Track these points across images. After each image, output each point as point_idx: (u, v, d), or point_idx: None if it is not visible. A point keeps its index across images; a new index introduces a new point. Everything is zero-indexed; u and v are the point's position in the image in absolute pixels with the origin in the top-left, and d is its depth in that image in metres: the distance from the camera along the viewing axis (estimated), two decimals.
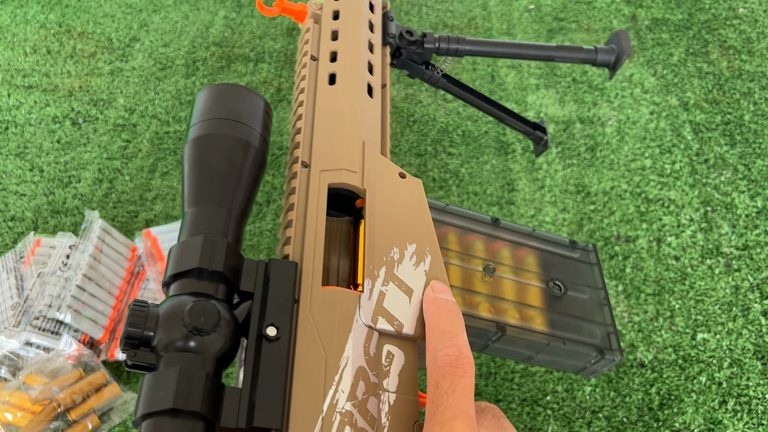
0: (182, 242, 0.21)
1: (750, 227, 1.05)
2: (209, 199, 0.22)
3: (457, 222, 0.29)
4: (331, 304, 0.21)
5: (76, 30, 1.58)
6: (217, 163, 0.22)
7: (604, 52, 0.48)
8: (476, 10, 1.63)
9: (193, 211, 0.22)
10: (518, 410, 0.82)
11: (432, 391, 0.18)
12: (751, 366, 0.86)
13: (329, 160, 0.25)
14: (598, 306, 0.31)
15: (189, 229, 0.22)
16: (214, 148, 0.22)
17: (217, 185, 0.22)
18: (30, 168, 1.19)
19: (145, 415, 0.18)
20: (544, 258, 0.31)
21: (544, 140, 0.57)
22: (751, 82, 1.35)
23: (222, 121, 0.23)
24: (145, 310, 0.19)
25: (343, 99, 0.27)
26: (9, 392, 0.79)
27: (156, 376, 0.18)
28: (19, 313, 0.87)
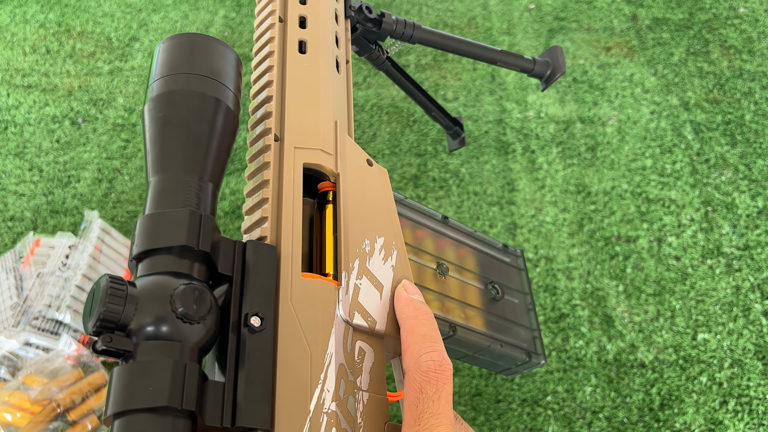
0: (160, 213, 0.18)
1: (751, 227, 1.05)
2: (182, 166, 0.19)
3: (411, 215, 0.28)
4: (312, 295, 0.20)
5: (76, 29, 1.57)
6: (191, 123, 0.19)
7: (541, 65, 0.50)
8: (476, 10, 1.63)
9: (165, 178, 0.19)
10: (518, 410, 0.82)
11: (415, 396, 0.18)
12: (751, 366, 0.86)
13: (304, 137, 0.22)
14: (526, 310, 0.32)
15: (161, 198, 0.18)
16: (184, 106, 0.19)
17: (191, 148, 0.19)
18: (29, 168, 1.19)
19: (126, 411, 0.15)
20: (482, 260, 0.31)
21: (461, 137, 0.57)
22: (751, 82, 1.35)
23: (191, 76, 0.19)
24: (124, 289, 0.16)
25: (315, 71, 0.24)
26: (8, 392, 0.79)
27: (138, 367, 0.16)
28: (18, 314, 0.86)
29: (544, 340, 0.90)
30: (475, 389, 0.84)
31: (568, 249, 1.02)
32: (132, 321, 0.16)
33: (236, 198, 1.13)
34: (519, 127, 1.27)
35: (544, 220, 1.08)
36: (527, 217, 1.08)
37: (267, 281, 0.19)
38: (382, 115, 1.31)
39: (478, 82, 1.39)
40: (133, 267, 0.19)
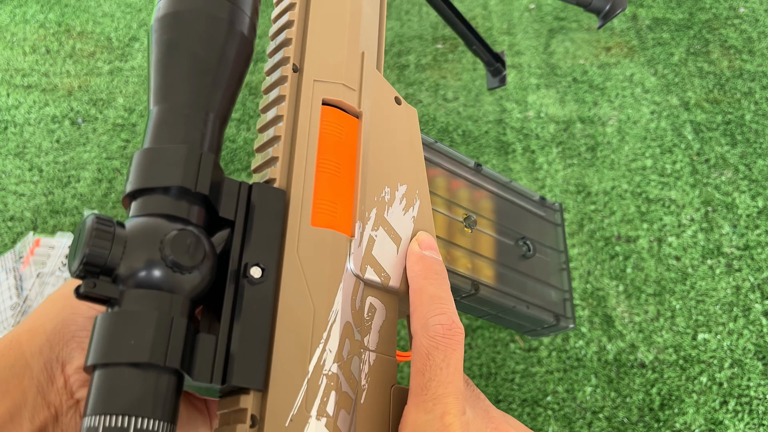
0: (157, 149, 0.16)
1: (751, 227, 1.05)
2: (186, 96, 0.17)
3: (444, 163, 0.26)
4: (321, 246, 0.18)
5: (76, 29, 1.57)
6: (198, 49, 0.17)
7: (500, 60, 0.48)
8: (477, 10, 1.63)
9: (165, 109, 0.16)
10: (519, 410, 0.82)
11: (422, 362, 0.16)
12: (752, 366, 0.86)
13: (325, 68, 0.20)
14: (558, 270, 0.29)
15: (161, 131, 0.16)
16: (192, 28, 0.17)
17: (197, 77, 0.17)
18: (29, 168, 1.19)
19: (104, 364, 0.14)
20: (515, 213, 0.29)
21: (502, 75, 0.55)
22: (752, 82, 1.35)
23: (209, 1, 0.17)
24: (112, 230, 0.14)
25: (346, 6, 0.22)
26: None
27: (122, 317, 0.14)
28: (18, 314, 0.86)
29: (545, 340, 0.90)
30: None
31: (568, 249, 1.02)
32: (119, 265, 0.15)
33: None
34: (519, 127, 1.27)
35: None
36: None
37: (272, 228, 0.17)
38: None
39: (478, 82, 1.39)
40: (126, 205, 0.17)
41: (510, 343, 0.89)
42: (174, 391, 0.15)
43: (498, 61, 0.55)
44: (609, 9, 0.47)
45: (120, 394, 0.14)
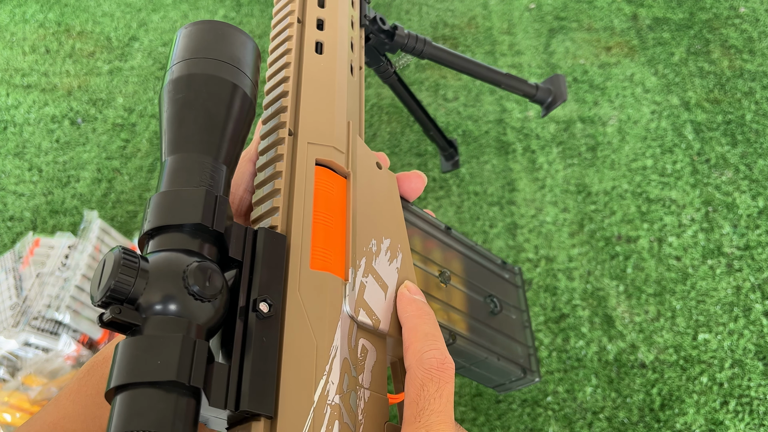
0: (176, 191, 0.18)
1: (751, 227, 1.04)
2: (200, 147, 0.19)
3: (419, 223, 0.28)
4: (320, 288, 0.20)
5: (75, 29, 1.57)
6: (209, 106, 0.19)
7: (543, 91, 0.52)
8: (477, 9, 1.63)
9: (181, 158, 0.18)
10: (519, 411, 0.82)
11: (416, 393, 0.18)
12: (752, 367, 0.85)
13: (317, 133, 0.22)
14: (522, 327, 0.32)
15: (177, 177, 0.18)
16: (204, 89, 0.19)
17: (209, 130, 0.19)
18: (29, 168, 1.19)
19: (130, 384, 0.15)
20: (482, 273, 0.31)
21: (455, 159, 0.60)
22: (752, 82, 1.34)
23: (211, 60, 0.20)
24: (137, 263, 0.16)
25: (330, 72, 0.25)
26: (8, 393, 0.78)
27: (147, 340, 0.15)
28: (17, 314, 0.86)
29: (545, 340, 0.90)
30: (475, 390, 0.84)
31: (568, 249, 1.02)
32: (142, 295, 0.16)
33: None
34: (519, 126, 1.27)
35: (545, 220, 1.08)
36: (527, 217, 1.08)
37: (276, 269, 0.19)
38: (382, 115, 1.31)
39: (478, 81, 1.38)
40: (142, 243, 0.18)
41: None
42: (194, 411, 0.16)
43: (451, 146, 0.59)
44: (551, 101, 0.53)
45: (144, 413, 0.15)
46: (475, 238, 1.05)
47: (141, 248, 0.18)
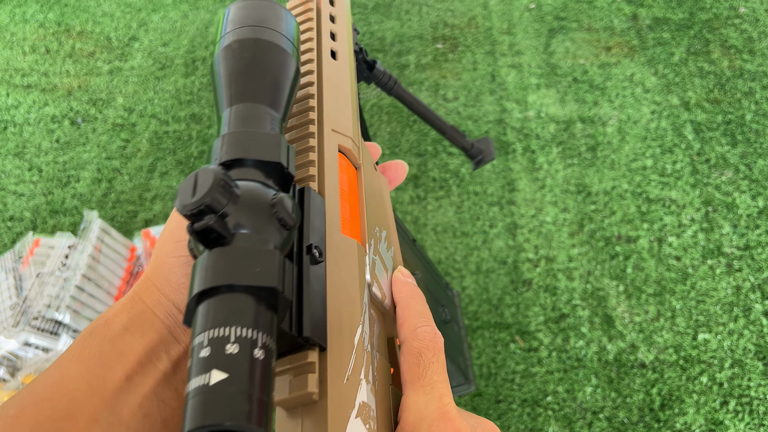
0: (256, 132, 0.19)
1: (751, 227, 1.04)
2: (268, 101, 0.20)
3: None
4: (349, 250, 0.21)
5: (75, 29, 1.57)
6: (275, 70, 0.21)
7: (476, 149, 0.60)
8: (477, 9, 1.63)
9: (251, 107, 0.20)
10: (519, 411, 0.82)
11: (415, 360, 0.20)
12: (752, 366, 0.85)
13: (338, 124, 0.25)
14: (462, 340, 0.35)
15: (250, 122, 0.20)
16: (270, 53, 0.21)
17: (274, 88, 0.21)
18: (29, 168, 1.19)
19: (226, 285, 0.15)
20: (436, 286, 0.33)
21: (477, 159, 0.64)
22: (752, 82, 1.34)
23: (275, 32, 0.22)
24: (232, 186, 0.17)
25: (344, 75, 0.28)
26: (8, 393, 0.78)
27: (242, 251, 0.16)
28: (17, 314, 0.86)
29: (545, 340, 0.90)
30: (475, 389, 0.84)
31: (568, 249, 1.02)
32: (230, 215, 0.17)
33: None
34: (519, 127, 1.27)
35: (545, 220, 1.08)
36: (527, 217, 1.08)
37: (320, 224, 0.20)
38: (382, 115, 1.31)
39: (478, 81, 1.38)
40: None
41: (510, 344, 0.89)
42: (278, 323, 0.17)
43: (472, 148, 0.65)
44: (480, 159, 0.61)
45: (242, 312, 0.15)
46: (475, 238, 1.05)
47: None
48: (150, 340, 0.19)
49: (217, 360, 0.14)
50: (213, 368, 0.14)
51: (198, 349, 0.15)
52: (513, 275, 0.98)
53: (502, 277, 0.98)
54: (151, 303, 0.19)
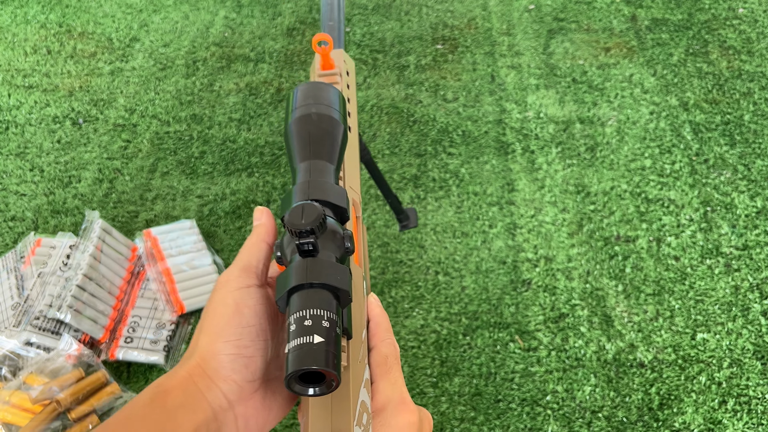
0: (330, 183, 0.27)
1: (750, 227, 1.05)
2: (331, 160, 0.28)
3: None
4: (358, 275, 0.28)
5: (77, 30, 1.58)
6: (334, 134, 0.29)
7: (406, 216, 0.79)
8: (476, 10, 1.63)
9: (320, 163, 0.28)
10: (518, 410, 0.82)
11: (382, 360, 0.26)
12: (750, 366, 0.86)
13: (352, 182, 0.32)
14: None
15: (321, 173, 0.27)
16: (329, 124, 0.29)
17: (335, 152, 0.29)
18: (30, 168, 1.19)
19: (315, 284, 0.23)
20: None
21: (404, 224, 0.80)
22: (750, 82, 1.35)
23: (332, 108, 0.30)
24: (326, 220, 0.24)
25: (355, 144, 0.35)
26: (9, 392, 0.79)
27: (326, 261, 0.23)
28: (19, 313, 0.87)
29: (544, 340, 0.90)
30: (474, 389, 0.85)
31: (567, 249, 1.03)
32: (319, 238, 0.24)
33: (236, 198, 1.13)
34: (519, 127, 1.27)
35: (544, 220, 1.08)
36: (527, 217, 1.08)
37: None
38: (382, 116, 1.32)
39: (477, 82, 1.39)
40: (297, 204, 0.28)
41: (509, 343, 0.90)
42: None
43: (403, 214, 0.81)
44: (406, 223, 0.77)
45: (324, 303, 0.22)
46: (475, 238, 1.05)
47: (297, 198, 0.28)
48: (200, 418, 0.23)
49: (318, 329, 0.21)
50: (314, 333, 0.21)
51: (301, 320, 0.22)
52: (512, 275, 0.99)
53: (502, 277, 0.98)
54: (203, 387, 0.24)
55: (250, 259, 0.26)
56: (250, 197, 1.13)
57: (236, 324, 0.24)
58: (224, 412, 0.24)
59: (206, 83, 1.41)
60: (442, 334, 0.91)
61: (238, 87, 1.39)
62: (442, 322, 0.92)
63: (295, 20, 1.63)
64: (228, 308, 0.24)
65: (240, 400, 0.24)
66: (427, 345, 0.90)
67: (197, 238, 1.01)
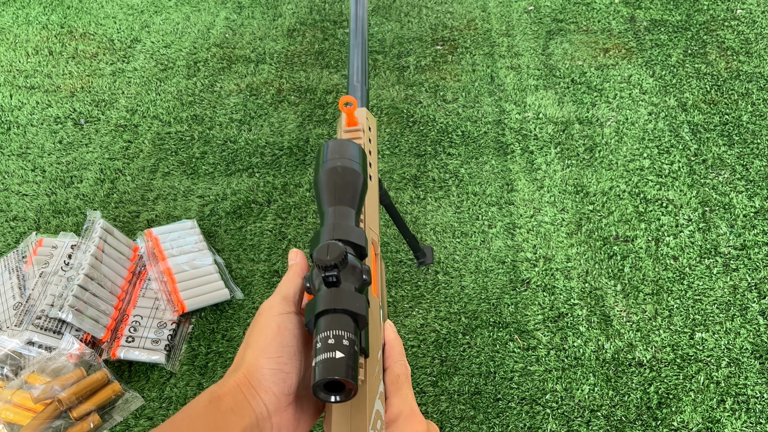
0: (352, 226, 0.32)
1: (748, 227, 1.05)
2: (352, 204, 0.33)
3: None
4: (376, 304, 0.32)
5: (78, 31, 1.58)
6: (356, 184, 0.35)
7: (422, 253, 0.85)
8: (476, 12, 1.64)
9: (344, 209, 0.33)
10: (517, 409, 0.83)
11: (395, 378, 0.30)
12: (749, 365, 0.86)
13: (372, 224, 0.38)
14: None
15: (345, 218, 0.32)
16: (351, 175, 0.35)
17: (357, 197, 0.34)
18: (32, 168, 1.20)
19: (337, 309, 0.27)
20: None
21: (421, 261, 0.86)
22: (749, 83, 1.35)
23: (354, 161, 0.36)
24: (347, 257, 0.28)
25: (375, 192, 0.40)
26: (11, 391, 0.79)
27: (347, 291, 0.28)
28: (21, 313, 0.87)
29: (543, 339, 0.91)
30: (474, 388, 0.85)
31: (566, 249, 1.03)
32: (342, 272, 0.28)
33: (237, 198, 1.14)
34: (518, 127, 1.28)
35: (543, 220, 1.08)
36: (526, 217, 1.09)
37: None
38: (382, 116, 1.32)
39: (477, 83, 1.39)
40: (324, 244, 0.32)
41: (509, 342, 0.90)
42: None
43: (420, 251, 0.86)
44: (423, 260, 0.84)
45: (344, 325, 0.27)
46: (475, 238, 1.06)
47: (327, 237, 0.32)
48: (246, 422, 0.27)
49: (339, 346, 0.26)
50: (336, 350, 0.25)
51: (326, 339, 0.26)
52: (512, 275, 0.99)
53: (501, 277, 0.99)
54: (248, 396, 0.28)
55: (288, 290, 0.31)
56: (250, 197, 1.13)
57: (278, 343, 0.28)
58: (264, 420, 0.28)
59: (207, 84, 1.41)
60: (442, 333, 0.91)
61: (238, 88, 1.40)
62: (441, 322, 0.93)
63: (295, 21, 1.63)
64: (271, 330, 0.29)
65: (277, 411, 0.28)
66: (426, 344, 0.90)
67: (198, 238, 1.02)
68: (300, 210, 1.11)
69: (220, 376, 0.86)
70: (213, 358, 0.89)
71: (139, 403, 0.83)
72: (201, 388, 0.85)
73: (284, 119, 1.32)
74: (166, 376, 0.86)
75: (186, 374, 0.87)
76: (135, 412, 0.82)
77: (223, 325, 0.93)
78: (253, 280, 0.99)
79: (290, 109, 1.34)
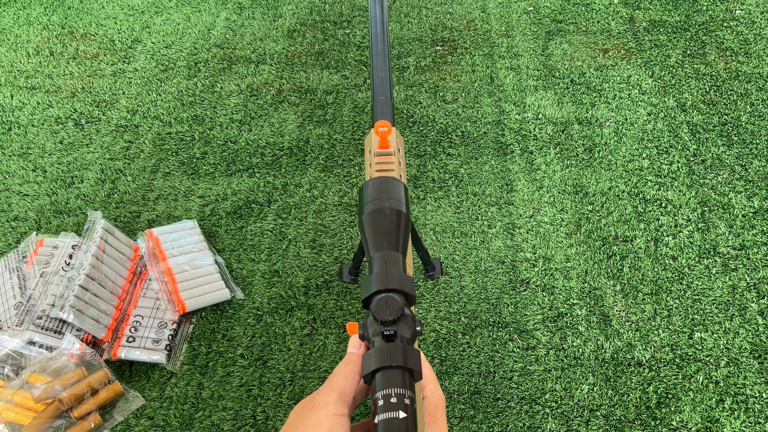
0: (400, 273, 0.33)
1: (747, 227, 1.05)
2: (397, 247, 0.35)
3: None
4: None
5: (79, 32, 1.59)
6: (401, 225, 0.35)
7: (432, 266, 0.83)
8: (475, 12, 1.64)
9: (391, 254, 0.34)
10: (517, 408, 0.83)
11: (432, 409, 0.31)
12: (748, 365, 0.86)
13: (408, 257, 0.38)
14: None
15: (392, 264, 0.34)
16: (396, 216, 0.36)
17: (401, 239, 0.35)
18: (33, 168, 1.20)
19: (395, 366, 0.28)
20: None
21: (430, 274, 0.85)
22: (748, 84, 1.36)
23: (399, 201, 0.37)
24: (404, 311, 0.30)
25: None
26: (12, 391, 0.79)
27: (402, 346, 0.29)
28: (22, 313, 0.87)
29: (543, 339, 0.91)
30: (474, 387, 0.85)
31: (565, 249, 1.03)
32: (398, 326, 0.30)
33: (237, 198, 1.14)
34: (517, 128, 1.28)
35: (542, 220, 1.09)
36: (525, 217, 1.09)
37: None
38: None
39: (477, 83, 1.40)
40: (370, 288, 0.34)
41: (508, 342, 0.90)
42: None
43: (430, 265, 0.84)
44: (432, 273, 0.83)
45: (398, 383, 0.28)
46: (474, 238, 1.06)
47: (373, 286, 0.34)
48: None
49: (401, 406, 0.27)
50: (399, 410, 0.26)
51: (388, 397, 0.27)
52: (511, 275, 0.99)
53: (501, 277, 0.99)
54: None
55: (346, 388, 0.30)
56: (251, 198, 1.14)
57: None
58: None
59: (208, 84, 1.42)
60: (442, 333, 0.91)
61: (239, 88, 1.40)
62: (441, 321, 0.93)
63: (295, 22, 1.64)
64: (323, 430, 0.29)
65: None
66: (426, 344, 0.90)
67: (199, 238, 1.02)
68: (300, 210, 1.11)
69: (220, 376, 0.87)
70: (213, 358, 0.89)
71: (140, 403, 0.83)
72: (201, 388, 0.86)
73: (284, 120, 1.32)
74: (167, 376, 0.87)
75: (186, 374, 0.87)
76: (136, 411, 0.83)
77: (224, 325, 0.93)
78: (253, 280, 0.99)
79: (290, 109, 1.34)
